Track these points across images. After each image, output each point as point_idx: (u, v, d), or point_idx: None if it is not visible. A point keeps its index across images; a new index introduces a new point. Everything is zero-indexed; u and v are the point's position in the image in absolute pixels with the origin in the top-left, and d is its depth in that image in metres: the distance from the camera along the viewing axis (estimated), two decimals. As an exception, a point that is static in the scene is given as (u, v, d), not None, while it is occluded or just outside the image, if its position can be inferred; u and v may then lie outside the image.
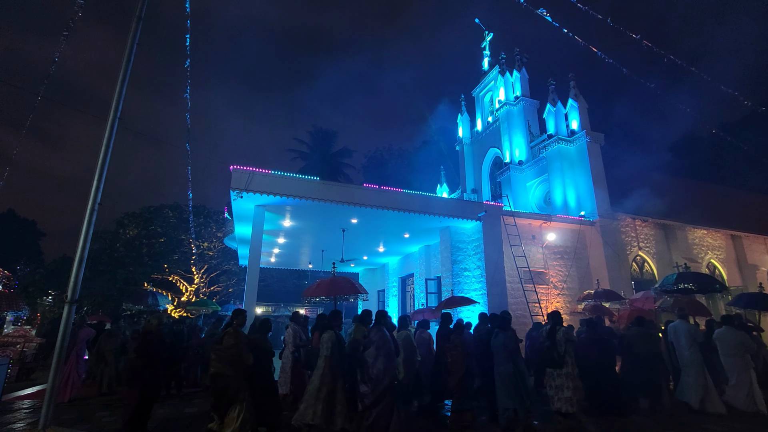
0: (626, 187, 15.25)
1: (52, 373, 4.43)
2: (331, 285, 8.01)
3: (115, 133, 5.27)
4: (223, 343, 4.92)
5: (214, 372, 4.76)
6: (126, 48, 5.51)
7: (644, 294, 10.69)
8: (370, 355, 4.98)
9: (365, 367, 4.98)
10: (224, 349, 4.85)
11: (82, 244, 4.77)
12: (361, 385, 4.92)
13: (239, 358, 4.83)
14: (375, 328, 5.29)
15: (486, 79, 20.97)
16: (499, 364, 5.63)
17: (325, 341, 5.18)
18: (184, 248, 21.36)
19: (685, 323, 6.88)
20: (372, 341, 5.08)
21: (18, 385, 9.51)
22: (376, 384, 4.85)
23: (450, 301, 9.96)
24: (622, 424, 5.83)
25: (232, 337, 4.94)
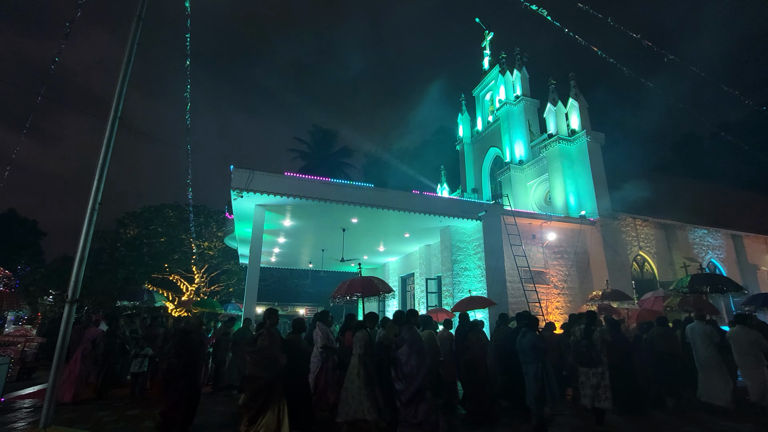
0: (627, 186, 15.24)
1: (52, 373, 4.43)
2: (365, 285, 8.25)
3: (116, 132, 5.27)
4: (257, 344, 4.90)
5: (249, 374, 4.75)
6: (126, 47, 5.51)
7: (653, 294, 10.73)
8: (403, 353, 5.09)
9: (398, 365, 5.08)
10: (258, 351, 4.83)
11: (83, 243, 4.77)
12: (397, 383, 5.03)
13: (274, 359, 4.82)
14: (406, 326, 5.40)
15: (486, 78, 20.96)
16: (526, 363, 5.71)
17: (359, 340, 5.28)
18: (184, 248, 21.36)
19: (701, 324, 6.99)
20: (404, 340, 5.19)
21: (19, 384, 9.53)
22: (410, 381, 4.94)
23: (470, 301, 9.85)
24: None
25: (266, 338, 4.91)
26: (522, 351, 5.77)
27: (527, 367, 5.69)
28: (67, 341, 4.62)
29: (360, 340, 5.28)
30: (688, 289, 8.59)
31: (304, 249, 16.86)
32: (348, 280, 8.58)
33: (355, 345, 5.28)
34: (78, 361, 7.16)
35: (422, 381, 4.96)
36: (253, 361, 4.79)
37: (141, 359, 7.68)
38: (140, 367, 7.67)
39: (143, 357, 7.69)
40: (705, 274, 9.10)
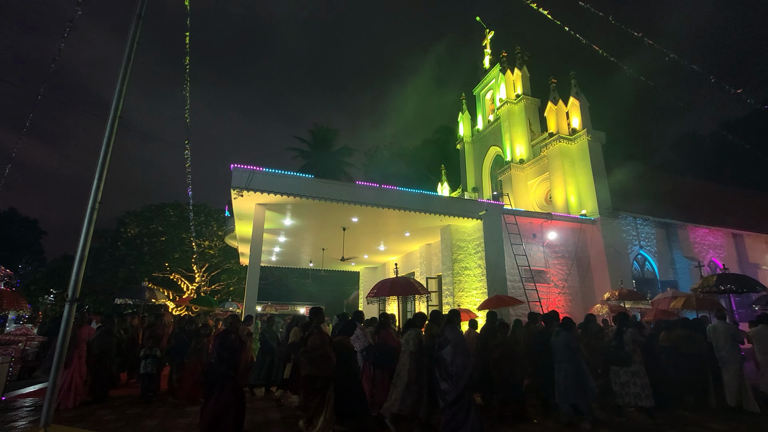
0: (627, 185, 15.22)
1: (53, 372, 4.43)
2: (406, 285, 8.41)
3: (116, 131, 5.26)
4: (308, 344, 4.89)
5: (307, 374, 4.75)
6: (126, 46, 5.49)
7: (664, 294, 10.76)
8: (448, 353, 5.13)
9: (444, 364, 5.12)
10: (312, 350, 4.83)
11: (83, 242, 4.76)
12: (442, 383, 5.06)
13: (327, 358, 4.84)
14: (449, 326, 5.44)
15: (487, 77, 20.92)
16: (561, 361, 5.80)
17: (411, 338, 5.36)
18: (185, 247, 21.38)
19: (723, 323, 7.10)
20: (448, 339, 5.24)
21: (20, 383, 9.53)
22: (457, 381, 5.00)
23: (497, 299, 9.83)
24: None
25: (317, 337, 4.91)
26: (556, 350, 5.88)
27: (560, 366, 5.79)
28: (68, 340, 4.61)
29: (412, 338, 5.37)
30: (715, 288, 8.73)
31: (304, 248, 16.85)
32: (389, 280, 8.68)
33: (407, 342, 5.37)
34: (75, 364, 6.79)
35: (467, 381, 5.07)
36: (308, 360, 4.79)
37: (151, 360, 7.28)
38: (150, 368, 7.28)
39: (152, 358, 7.31)
40: (731, 274, 9.21)
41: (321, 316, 5.28)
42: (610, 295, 11.00)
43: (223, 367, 4.87)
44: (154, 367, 7.31)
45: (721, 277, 8.82)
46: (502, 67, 19.50)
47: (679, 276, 14.83)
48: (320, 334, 4.97)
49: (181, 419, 6.08)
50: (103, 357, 7.31)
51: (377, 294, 8.54)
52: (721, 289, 8.60)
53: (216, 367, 4.90)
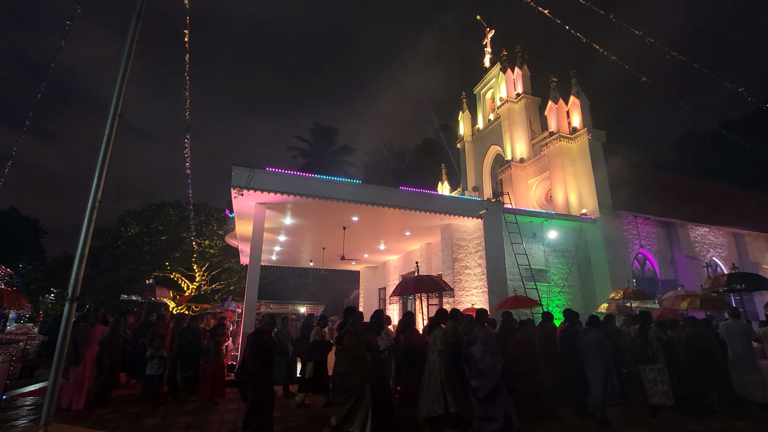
0: (628, 184, 15.21)
1: (53, 370, 4.44)
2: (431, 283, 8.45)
3: (116, 130, 5.26)
4: (343, 342, 4.92)
5: (343, 372, 4.78)
6: (126, 45, 5.49)
7: (676, 293, 10.81)
8: (477, 350, 5.25)
9: (473, 362, 5.24)
10: (350, 349, 4.86)
11: (83, 241, 4.77)
12: (472, 380, 5.18)
13: (363, 357, 4.87)
14: (478, 325, 5.54)
15: (487, 76, 20.89)
16: (590, 360, 5.89)
17: (439, 337, 5.42)
18: (185, 246, 21.38)
19: (738, 321, 7.22)
20: (477, 337, 5.35)
21: (21, 382, 9.57)
22: (486, 378, 5.11)
23: (515, 300, 9.85)
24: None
25: (354, 336, 4.94)
26: (586, 348, 5.96)
27: (590, 364, 5.88)
28: (68, 339, 4.61)
29: (440, 336, 5.43)
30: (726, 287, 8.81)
31: (304, 247, 16.85)
32: (412, 278, 8.67)
33: (435, 341, 5.43)
34: (88, 364, 6.60)
35: (498, 378, 5.15)
36: (346, 359, 4.82)
37: (158, 360, 7.08)
38: (157, 369, 7.09)
39: (159, 358, 7.11)
40: (742, 273, 9.35)
41: (356, 315, 5.32)
42: (615, 294, 11.01)
43: (256, 365, 4.84)
44: (160, 368, 7.16)
45: (732, 277, 8.92)
46: (502, 66, 19.47)
47: (680, 275, 14.82)
48: (356, 333, 5.01)
49: (181, 418, 6.09)
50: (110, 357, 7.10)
51: (401, 293, 8.62)
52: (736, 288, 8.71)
53: (250, 365, 4.87)
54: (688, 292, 10.61)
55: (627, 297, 10.61)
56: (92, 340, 6.76)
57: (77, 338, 6.61)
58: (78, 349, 6.62)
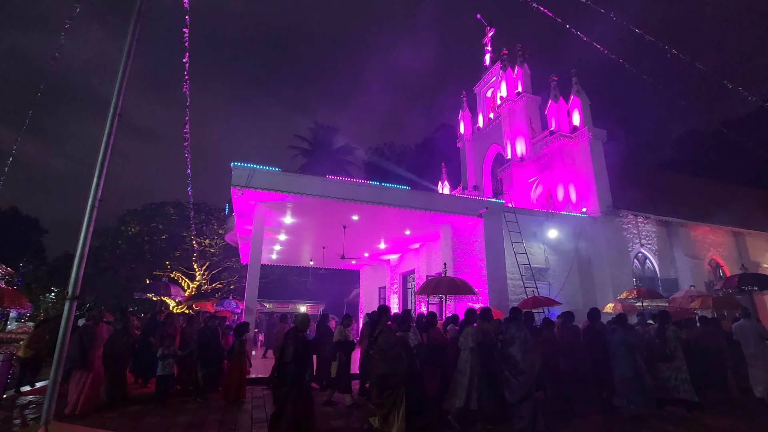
0: (628, 183, 15.19)
1: (53, 369, 4.44)
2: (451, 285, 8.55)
3: (115, 129, 5.25)
4: (379, 342, 4.94)
5: (381, 372, 4.80)
6: (125, 44, 5.48)
7: (686, 292, 10.87)
8: (517, 350, 5.32)
9: (512, 361, 5.31)
10: (388, 348, 4.88)
11: (83, 240, 4.76)
12: (511, 379, 5.25)
13: (400, 356, 4.91)
14: (515, 324, 5.62)
15: (487, 75, 20.86)
16: (618, 358, 6.00)
17: (470, 335, 5.54)
18: (185, 245, 21.41)
19: (751, 321, 7.38)
20: (516, 337, 5.42)
21: (21, 381, 9.53)
22: (526, 377, 5.19)
23: (534, 300, 9.86)
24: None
25: (391, 335, 4.99)
26: (614, 347, 6.05)
27: (617, 362, 5.98)
28: (68, 338, 4.61)
29: (471, 335, 5.52)
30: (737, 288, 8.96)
31: (304, 246, 16.86)
32: (434, 279, 8.70)
33: (465, 339, 5.52)
34: (96, 365, 6.31)
35: (536, 377, 5.27)
36: (382, 358, 4.84)
37: (170, 361, 6.92)
38: (169, 369, 6.93)
39: (171, 357, 6.95)
40: (752, 274, 9.53)
41: (389, 314, 5.34)
42: (628, 294, 11.01)
43: (300, 368, 4.66)
44: (172, 368, 7.03)
45: (742, 277, 9.05)
46: (502, 65, 19.43)
47: (680, 274, 14.81)
48: (392, 332, 5.05)
49: (181, 417, 6.10)
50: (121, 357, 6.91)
51: (424, 292, 8.81)
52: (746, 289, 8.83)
53: (293, 368, 4.64)
54: (699, 292, 10.73)
55: (640, 296, 10.63)
56: (99, 340, 6.45)
57: (83, 339, 6.24)
58: (85, 351, 6.23)
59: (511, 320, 5.71)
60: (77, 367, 6.10)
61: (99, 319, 6.70)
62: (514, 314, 5.78)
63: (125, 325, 7.29)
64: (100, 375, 6.38)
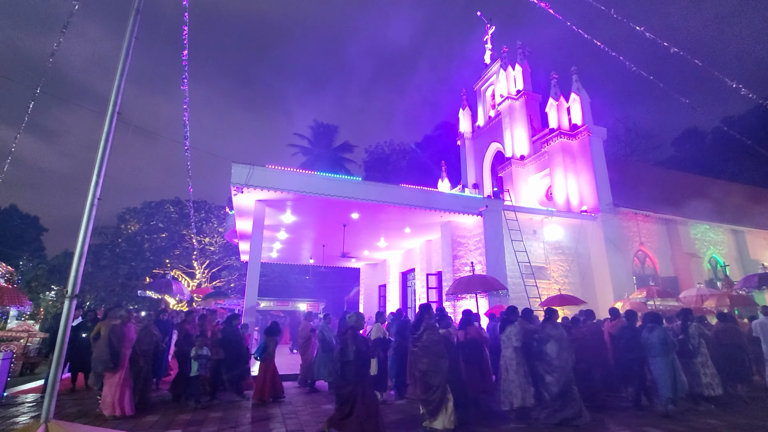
0: (628, 181, 15.18)
1: (53, 367, 4.44)
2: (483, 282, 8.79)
3: (114, 127, 5.24)
4: (422, 339, 5.02)
5: (426, 369, 4.87)
6: (124, 42, 5.46)
7: (698, 291, 10.93)
8: (552, 348, 5.51)
9: (548, 359, 5.51)
10: (432, 345, 4.97)
11: (82, 238, 4.76)
12: (547, 376, 5.44)
13: (443, 353, 5.02)
14: (550, 323, 5.80)
15: (488, 73, 20.81)
16: (655, 356, 6.11)
17: (514, 333, 5.66)
18: (185, 243, 21.43)
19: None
20: (550, 335, 5.61)
21: (22, 379, 9.58)
22: (560, 374, 5.38)
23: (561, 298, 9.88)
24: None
25: (435, 332, 5.09)
26: (650, 345, 6.16)
27: (654, 360, 6.10)
28: (68, 336, 4.61)
29: (515, 333, 5.65)
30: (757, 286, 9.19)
31: (304, 245, 16.85)
32: (465, 278, 8.93)
33: (509, 338, 5.66)
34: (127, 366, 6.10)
35: (571, 374, 5.44)
36: (426, 355, 4.92)
37: (203, 361, 6.70)
38: (204, 369, 6.76)
39: (204, 358, 6.72)
40: None
41: (432, 314, 5.45)
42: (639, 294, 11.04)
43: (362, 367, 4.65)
44: (207, 369, 6.85)
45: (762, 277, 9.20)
46: (502, 63, 19.39)
47: (680, 272, 14.81)
48: (436, 330, 5.16)
49: (182, 415, 6.11)
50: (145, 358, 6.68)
51: (455, 291, 8.99)
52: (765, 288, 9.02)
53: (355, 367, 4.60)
54: (711, 290, 10.79)
55: (650, 295, 10.64)
56: (126, 340, 6.17)
57: (113, 340, 6.00)
58: (116, 352, 5.98)
59: (546, 320, 5.91)
60: (109, 369, 5.89)
61: (127, 318, 6.48)
62: (548, 314, 6.01)
63: (148, 324, 7.06)
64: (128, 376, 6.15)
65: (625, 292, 12.49)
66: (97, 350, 6.00)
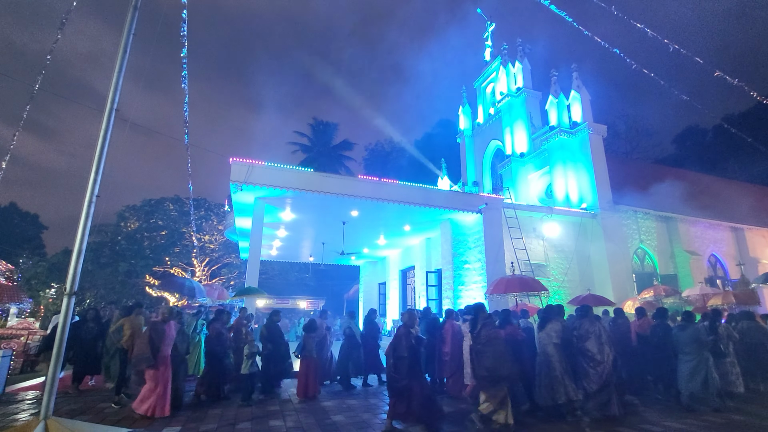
0: (628, 179, 15.16)
1: (52, 364, 4.45)
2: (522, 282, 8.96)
3: (112, 125, 5.22)
4: (482, 335, 5.14)
5: (491, 364, 4.97)
6: (122, 38, 5.44)
7: (701, 289, 11.01)
8: (593, 343, 5.74)
9: (589, 354, 5.73)
10: (493, 339, 5.10)
11: (80, 236, 4.76)
12: (590, 370, 5.67)
13: (506, 350, 5.14)
14: (588, 320, 6.00)
15: (488, 70, 20.74)
16: (687, 353, 6.25)
17: (555, 331, 5.81)
18: (185, 241, 21.42)
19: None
20: (590, 332, 5.83)
21: (22, 377, 9.59)
22: (603, 369, 5.61)
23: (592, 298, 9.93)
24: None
25: (492, 328, 5.21)
26: (683, 343, 6.30)
27: (686, 358, 6.23)
28: (67, 333, 4.61)
29: (556, 330, 5.80)
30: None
31: (304, 242, 16.86)
32: (504, 278, 9.09)
33: (549, 335, 5.82)
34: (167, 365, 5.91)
35: (611, 369, 5.67)
36: (490, 351, 5.02)
37: (253, 357, 6.71)
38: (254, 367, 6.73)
39: (254, 355, 6.72)
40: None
41: (486, 311, 5.60)
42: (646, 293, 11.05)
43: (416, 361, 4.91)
44: (257, 366, 6.83)
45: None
46: (503, 60, 19.33)
47: (679, 270, 14.82)
48: (494, 325, 5.31)
49: (181, 412, 6.11)
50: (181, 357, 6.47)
51: (494, 291, 9.17)
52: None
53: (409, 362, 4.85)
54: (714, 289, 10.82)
55: (657, 293, 10.65)
56: (166, 338, 5.94)
57: (154, 337, 5.78)
58: (157, 348, 5.78)
59: (583, 317, 6.12)
60: (149, 366, 5.70)
61: (168, 316, 6.18)
62: (584, 311, 6.21)
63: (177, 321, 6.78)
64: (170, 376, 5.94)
65: (625, 289, 12.52)
66: (138, 347, 5.76)
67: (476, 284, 12.26)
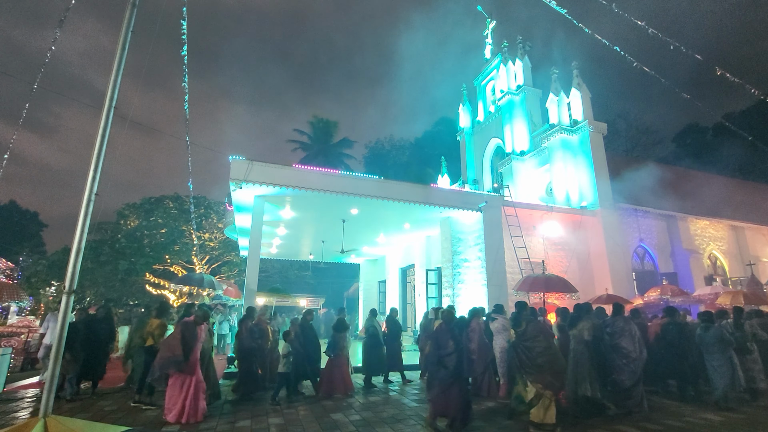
0: (628, 177, 15.13)
1: (51, 362, 4.45)
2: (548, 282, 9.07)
3: (111, 122, 5.20)
4: (528, 332, 5.25)
5: (542, 362, 5.09)
6: (120, 36, 5.41)
7: (712, 288, 10.99)
8: (627, 341, 5.95)
9: (624, 352, 5.93)
10: (540, 333, 5.21)
11: (79, 234, 4.75)
12: (624, 367, 5.88)
13: (555, 347, 5.34)
14: (621, 318, 6.22)
15: (488, 68, 20.69)
16: (712, 353, 6.40)
17: (586, 329, 5.93)
18: (185, 239, 21.38)
19: None
20: (624, 330, 6.04)
21: (22, 375, 9.61)
22: (636, 366, 5.84)
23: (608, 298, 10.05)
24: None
25: (538, 325, 5.35)
26: (707, 343, 6.43)
27: (711, 357, 6.38)
28: (66, 331, 4.61)
29: (587, 328, 5.92)
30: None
31: (304, 240, 16.85)
32: (531, 277, 9.21)
33: (581, 333, 5.93)
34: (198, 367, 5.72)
35: (642, 366, 5.91)
36: (539, 349, 5.11)
37: (288, 357, 6.68)
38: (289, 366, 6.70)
39: (290, 354, 6.69)
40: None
41: (528, 308, 5.84)
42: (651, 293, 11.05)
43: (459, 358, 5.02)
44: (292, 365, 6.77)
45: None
46: (503, 58, 19.28)
47: (679, 269, 14.82)
48: (537, 321, 5.49)
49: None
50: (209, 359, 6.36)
51: (521, 288, 9.42)
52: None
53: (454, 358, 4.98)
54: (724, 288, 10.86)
55: (663, 293, 10.65)
56: (198, 340, 5.71)
57: (187, 338, 5.54)
58: (189, 349, 5.56)
59: (616, 314, 6.31)
60: (180, 369, 5.43)
61: (202, 318, 5.89)
62: (617, 310, 6.40)
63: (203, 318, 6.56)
64: (202, 378, 5.72)
65: (624, 288, 12.51)
66: (169, 349, 5.47)
67: (476, 282, 12.25)
